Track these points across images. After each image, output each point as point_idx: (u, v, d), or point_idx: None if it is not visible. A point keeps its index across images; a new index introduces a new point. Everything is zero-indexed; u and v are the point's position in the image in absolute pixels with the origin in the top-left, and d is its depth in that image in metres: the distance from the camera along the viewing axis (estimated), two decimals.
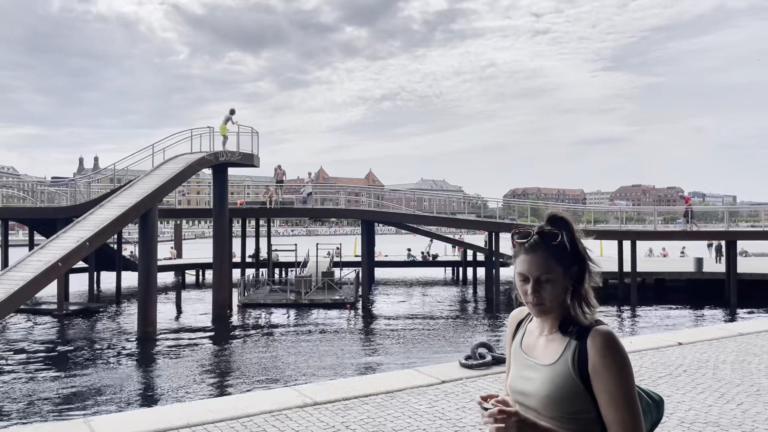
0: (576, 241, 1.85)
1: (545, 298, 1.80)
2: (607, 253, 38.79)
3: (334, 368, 15.83)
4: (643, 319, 24.26)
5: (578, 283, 1.83)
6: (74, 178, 34.11)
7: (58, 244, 18.49)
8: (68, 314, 24.19)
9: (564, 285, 1.81)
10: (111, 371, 15.81)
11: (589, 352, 1.73)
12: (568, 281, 1.82)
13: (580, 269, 1.83)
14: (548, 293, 1.80)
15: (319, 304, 26.30)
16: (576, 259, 1.83)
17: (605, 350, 1.72)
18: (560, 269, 1.80)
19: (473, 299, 31.38)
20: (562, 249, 1.81)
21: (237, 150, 25.53)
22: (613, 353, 1.72)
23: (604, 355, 1.72)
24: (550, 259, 1.81)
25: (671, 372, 7.30)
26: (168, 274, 37.10)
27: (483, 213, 34.99)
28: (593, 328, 1.77)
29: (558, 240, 1.81)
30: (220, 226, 25.97)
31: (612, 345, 1.73)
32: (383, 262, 40.82)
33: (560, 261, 1.81)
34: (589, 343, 1.74)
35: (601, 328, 1.77)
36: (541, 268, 1.81)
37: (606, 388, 1.71)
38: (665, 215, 56.64)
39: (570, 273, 1.81)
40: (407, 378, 6.99)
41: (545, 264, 1.81)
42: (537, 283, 1.81)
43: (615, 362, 1.71)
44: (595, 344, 1.74)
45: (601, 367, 1.71)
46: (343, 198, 34.29)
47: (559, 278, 1.81)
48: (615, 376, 1.70)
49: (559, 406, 1.75)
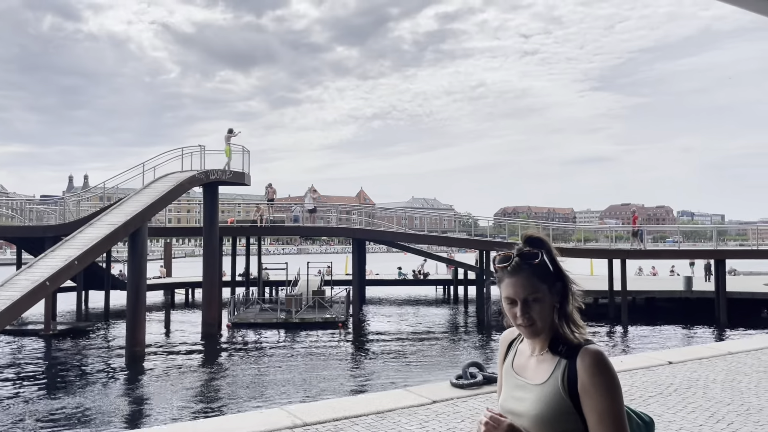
0: (555, 259, 1.87)
1: (535, 318, 1.81)
2: (598, 272, 38.93)
3: (325, 388, 15.71)
4: (633, 337, 24.29)
5: (564, 300, 1.84)
6: (63, 196, 33.94)
7: (46, 263, 18.33)
8: (56, 334, 23.90)
9: (551, 303, 1.83)
10: (99, 392, 15.60)
11: (579, 371, 1.74)
12: (555, 298, 1.83)
13: (564, 286, 1.85)
14: (537, 313, 1.81)
15: (309, 324, 26.13)
16: (559, 276, 1.85)
17: (594, 369, 1.72)
18: (545, 287, 1.82)
19: (464, 318, 31.32)
20: (543, 267, 1.83)
21: (228, 168, 25.54)
22: (602, 372, 1.72)
23: (593, 374, 1.72)
24: (534, 279, 1.82)
25: (662, 391, 7.30)
26: (157, 293, 36.80)
27: (474, 231, 35.05)
28: (582, 348, 1.77)
29: (539, 259, 1.84)
30: (211, 245, 25.85)
31: (601, 364, 1.73)
32: (374, 280, 40.73)
33: (544, 279, 1.83)
34: (579, 362, 1.75)
35: (591, 347, 1.77)
36: (527, 289, 1.82)
37: (595, 407, 1.70)
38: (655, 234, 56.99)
39: (555, 290, 1.83)
40: (398, 398, 6.95)
41: (530, 284, 1.82)
42: (525, 305, 1.82)
43: (604, 381, 1.71)
44: (585, 363, 1.74)
45: (590, 386, 1.71)
46: (335, 216, 34.27)
47: (546, 296, 1.82)
48: (604, 396, 1.71)
49: (549, 426, 1.75)
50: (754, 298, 28.30)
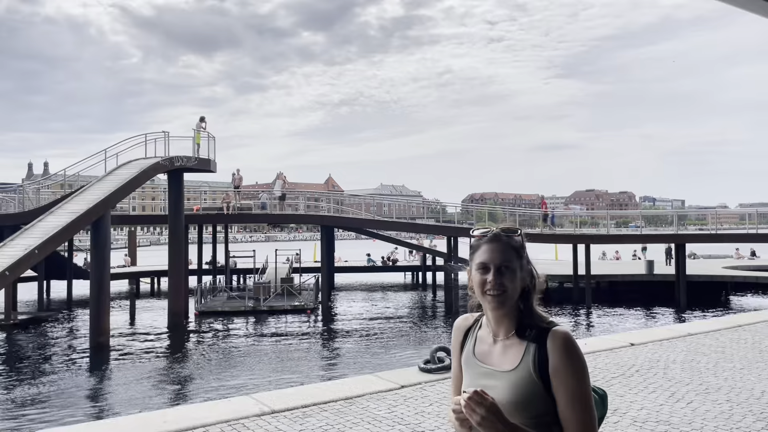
0: (526, 247, 1.92)
1: (507, 285, 1.82)
2: (562, 256, 39.59)
3: (293, 376, 15.69)
4: (597, 320, 24.81)
5: (532, 284, 1.86)
6: (23, 184, 32.99)
7: (5, 253, 17.83)
8: (17, 324, 23.34)
9: (521, 280, 1.84)
10: (62, 383, 15.30)
11: (549, 354, 1.75)
12: (525, 280, 1.85)
13: (531, 272, 1.88)
14: (509, 281, 1.82)
15: (278, 311, 26.03)
16: (528, 262, 1.89)
17: (565, 351, 1.75)
18: (518, 263, 1.85)
19: (432, 303, 31.56)
20: (520, 246, 1.88)
21: (193, 155, 25.13)
22: (572, 354, 1.75)
23: (564, 356, 1.74)
24: (511, 251, 1.86)
25: (624, 372, 7.49)
26: (122, 282, 36.14)
27: (442, 218, 35.27)
28: (551, 330, 1.79)
29: (518, 235, 1.89)
30: (176, 233, 25.46)
31: (571, 346, 1.76)
32: (343, 267, 40.71)
33: (518, 256, 1.86)
34: (549, 345, 1.76)
35: (560, 329, 1.79)
36: (503, 256, 1.85)
37: (566, 388, 1.73)
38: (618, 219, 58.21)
39: (525, 271, 1.86)
40: (366, 384, 6.99)
41: (507, 253, 1.85)
42: (498, 271, 1.83)
43: (574, 363, 1.74)
44: (556, 345, 1.76)
45: (562, 368, 1.74)
46: (303, 203, 34.09)
47: (518, 271, 1.84)
48: (574, 377, 1.73)
49: (523, 411, 1.75)
50: (713, 281, 29.14)
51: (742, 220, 34.31)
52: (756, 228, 30.12)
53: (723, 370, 7.55)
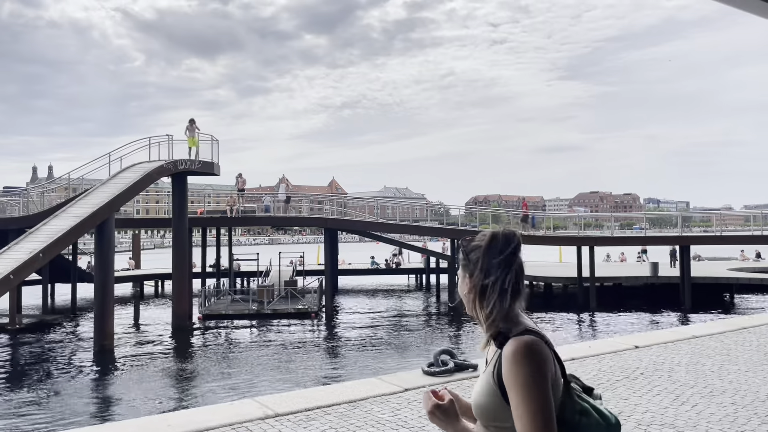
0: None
1: (458, 291, 1.87)
2: (566, 258, 39.51)
3: (297, 379, 15.69)
4: (601, 322, 24.75)
5: (486, 287, 1.82)
6: (27, 187, 33.11)
7: (10, 256, 17.89)
8: (21, 328, 23.40)
9: (474, 285, 1.81)
10: (67, 386, 15.33)
11: (502, 362, 1.69)
12: (476, 283, 1.82)
13: (486, 274, 1.83)
14: (460, 287, 1.86)
15: (281, 314, 26.03)
16: (485, 264, 1.83)
17: (510, 360, 1.66)
18: (468, 268, 1.84)
19: (436, 306, 31.53)
20: (470, 250, 1.85)
21: (197, 158, 25.19)
22: (517, 364, 1.65)
23: (507, 368, 1.66)
24: (462, 256, 1.87)
25: (629, 375, 7.46)
26: (126, 285, 36.24)
27: (446, 220, 35.24)
28: (511, 338, 1.71)
29: (473, 240, 1.88)
30: (180, 236, 25.52)
31: (518, 356, 1.66)
32: (347, 270, 40.70)
33: (467, 260, 1.85)
34: (503, 354, 1.70)
35: (515, 338, 1.70)
36: (458, 263, 1.91)
37: (512, 400, 1.65)
38: (622, 221, 58.04)
39: (477, 275, 1.82)
40: (370, 387, 6.97)
41: (461, 259, 1.88)
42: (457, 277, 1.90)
43: (517, 374, 1.64)
44: (504, 355, 1.69)
45: (507, 381, 1.66)
46: (306, 206, 34.11)
47: (466, 276, 1.84)
48: (516, 390, 1.64)
49: (483, 416, 1.74)
50: (718, 282, 29.04)
51: (746, 221, 34.26)
52: (761, 229, 29.99)
53: (728, 372, 7.52)
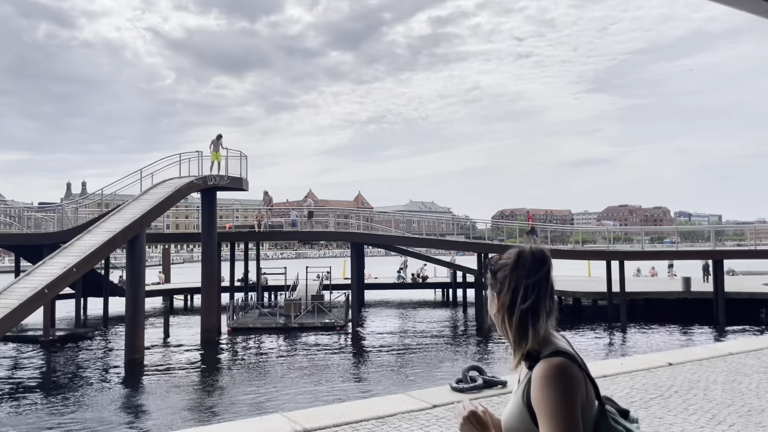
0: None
1: (488, 310, 1.87)
2: (595, 273, 38.94)
3: (325, 393, 15.68)
4: (632, 339, 24.28)
5: (512, 306, 1.82)
6: (61, 203, 33.88)
7: (45, 271, 18.30)
8: (55, 341, 23.84)
9: (502, 304, 1.82)
10: (98, 399, 15.55)
11: (531, 384, 1.68)
12: (504, 302, 1.82)
13: (514, 292, 1.83)
14: (488, 306, 1.87)
15: (308, 328, 26.10)
16: (510, 282, 1.83)
17: (539, 383, 1.64)
18: (495, 287, 1.84)
19: (463, 321, 31.29)
20: (497, 269, 1.85)
21: (226, 174, 25.53)
22: (545, 387, 1.63)
23: (537, 389, 1.64)
24: (489, 275, 1.87)
25: (662, 393, 7.31)
26: (156, 298, 36.76)
27: (472, 234, 35.04)
28: (540, 359, 1.69)
29: (500, 258, 1.88)
30: (209, 250, 25.83)
31: (547, 378, 1.64)
32: (373, 284, 40.69)
33: (494, 279, 1.85)
34: (532, 375, 1.69)
35: (545, 360, 1.68)
36: (486, 282, 1.88)
37: (541, 423, 1.63)
38: (653, 235, 57.11)
39: (505, 294, 1.82)
40: (398, 403, 6.95)
41: (488, 278, 1.87)
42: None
43: (547, 397, 1.62)
44: (534, 378, 1.67)
45: (535, 402, 1.64)
46: (333, 221, 34.26)
47: (493, 295, 1.84)
48: (545, 412, 1.62)
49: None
50: (753, 298, 28.31)
51: None
52: None
53: (766, 391, 7.32)
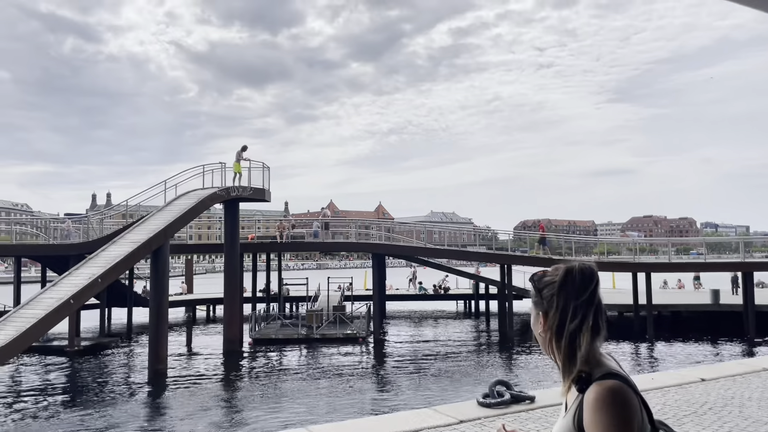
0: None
1: (532, 329, 1.86)
2: (620, 285, 38.38)
3: (348, 406, 15.56)
4: (660, 352, 23.80)
5: (562, 326, 1.79)
6: (87, 214, 34.34)
7: (71, 281, 18.50)
8: (80, 351, 24.08)
9: (548, 323, 1.80)
10: (122, 409, 15.62)
11: (584, 409, 1.63)
12: (552, 321, 1.79)
13: (563, 311, 1.81)
14: (532, 324, 1.86)
15: (330, 339, 26.03)
16: (559, 300, 1.80)
17: (593, 406, 1.59)
18: (540, 305, 1.82)
19: (486, 333, 30.98)
20: (542, 287, 1.83)
21: (248, 185, 25.67)
22: (600, 411, 1.58)
23: (591, 412, 1.59)
24: (534, 292, 1.85)
25: (696, 410, 7.10)
26: (179, 309, 37.00)
27: (494, 245, 34.79)
28: (593, 382, 1.64)
29: (546, 275, 1.86)
30: (232, 261, 25.94)
31: (602, 402, 1.59)
32: (394, 295, 40.53)
33: (540, 297, 1.83)
34: (584, 399, 1.63)
35: (599, 383, 1.63)
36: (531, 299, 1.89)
37: None
38: (679, 246, 56.16)
39: (553, 312, 1.80)
40: (424, 417, 6.83)
41: (532, 296, 1.87)
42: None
43: (602, 422, 1.57)
44: (588, 399, 1.62)
45: (590, 427, 1.59)
46: (354, 231, 34.24)
47: (539, 314, 1.83)
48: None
49: None
50: None
51: None
52: None
53: None
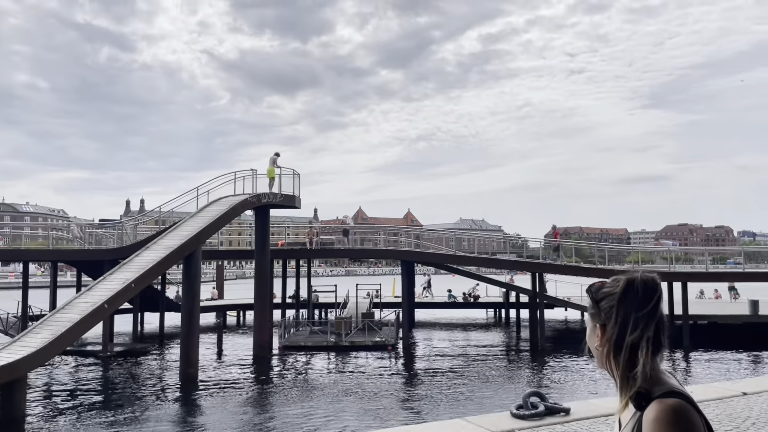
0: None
1: (587, 342, 1.82)
2: None
3: (377, 414, 15.47)
4: (697, 364, 23.20)
5: (620, 340, 1.75)
6: (121, 220, 34.97)
7: (105, 286, 18.81)
8: (113, 355, 24.46)
9: (607, 337, 1.76)
10: (153, 413, 15.78)
11: (643, 427, 1.57)
12: (611, 335, 1.74)
13: (623, 326, 1.76)
14: (588, 337, 1.82)
15: (359, 347, 25.97)
16: (618, 314, 1.76)
17: (654, 426, 1.53)
18: (597, 317, 1.79)
19: (517, 342, 30.61)
20: (600, 299, 1.80)
21: (279, 191, 25.84)
22: (663, 431, 1.51)
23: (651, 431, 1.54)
24: (590, 304, 1.82)
25: (738, 425, 6.85)
26: (210, 314, 37.37)
27: (525, 253, 34.41)
28: (653, 400, 1.58)
29: (605, 287, 1.82)
30: (262, 267, 26.11)
31: (664, 422, 1.52)
32: (423, 303, 40.33)
33: (597, 309, 1.80)
34: (644, 416, 1.58)
35: (659, 401, 1.57)
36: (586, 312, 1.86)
37: None
38: (715, 255, 54.81)
39: (611, 326, 1.76)
40: (456, 428, 6.73)
41: (588, 308, 1.84)
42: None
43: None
44: (647, 418, 1.56)
45: None
46: (382, 238, 34.21)
47: (595, 327, 1.79)
48: None
49: None
50: None
51: None
52: None
53: None
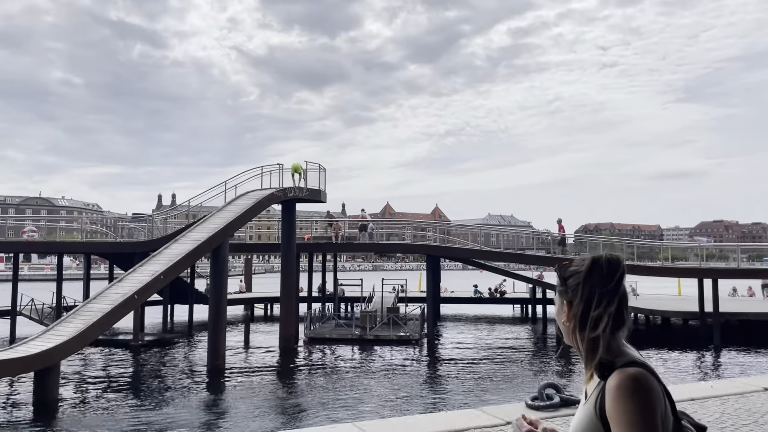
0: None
1: (556, 318, 1.90)
2: (686, 291, 36.98)
3: (397, 405, 15.61)
4: (726, 362, 22.80)
5: (585, 315, 1.84)
6: (152, 214, 35.71)
7: (135, 278, 19.28)
8: (143, 345, 25.04)
9: (573, 312, 1.83)
10: (181, 403, 16.16)
11: (606, 395, 1.64)
12: (576, 311, 1.84)
13: (587, 302, 1.85)
14: (556, 313, 1.89)
15: (383, 340, 26.15)
16: (585, 291, 1.85)
17: (614, 394, 1.60)
18: (564, 295, 1.85)
19: (542, 337, 30.43)
20: (567, 276, 1.86)
21: (305, 186, 26.12)
22: (621, 398, 1.59)
23: (612, 400, 1.61)
24: (559, 282, 1.88)
25: (756, 420, 6.79)
26: (238, 307, 37.96)
27: (553, 249, 34.12)
28: (614, 370, 1.65)
29: (571, 265, 1.89)
30: (288, 261, 26.43)
31: (621, 392, 1.59)
32: (449, 298, 40.33)
33: (564, 286, 1.86)
34: (606, 386, 1.65)
35: (620, 371, 1.64)
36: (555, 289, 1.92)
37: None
38: (750, 252, 53.50)
39: (577, 302, 1.84)
40: (471, 418, 6.80)
41: (557, 285, 1.90)
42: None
43: (625, 409, 1.58)
44: (609, 386, 1.63)
45: (610, 413, 1.61)
46: (409, 233, 34.28)
47: (563, 303, 1.85)
48: (623, 425, 1.57)
49: None
50: None
51: None
52: None
53: None
